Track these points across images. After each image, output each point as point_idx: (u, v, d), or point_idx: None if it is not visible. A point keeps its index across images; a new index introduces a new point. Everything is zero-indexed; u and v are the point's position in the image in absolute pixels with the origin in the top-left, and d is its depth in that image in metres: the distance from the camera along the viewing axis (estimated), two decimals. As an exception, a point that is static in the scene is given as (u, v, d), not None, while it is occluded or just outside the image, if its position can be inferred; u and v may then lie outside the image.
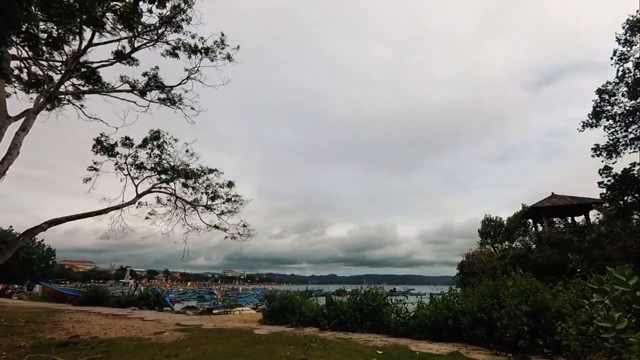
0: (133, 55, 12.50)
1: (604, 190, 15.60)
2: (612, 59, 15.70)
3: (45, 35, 10.20)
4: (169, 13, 11.79)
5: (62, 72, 11.50)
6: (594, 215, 19.32)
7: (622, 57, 15.45)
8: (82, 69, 12.50)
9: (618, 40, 15.45)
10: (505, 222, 26.95)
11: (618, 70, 15.65)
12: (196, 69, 13.73)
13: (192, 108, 14.77)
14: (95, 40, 11.18)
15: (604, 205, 16.90)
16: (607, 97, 16.26)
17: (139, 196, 15.63)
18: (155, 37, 12.43)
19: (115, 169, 15.60)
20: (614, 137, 16.43)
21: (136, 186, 15.76)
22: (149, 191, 16.23)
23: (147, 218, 17.15)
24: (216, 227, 17.45)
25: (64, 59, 11.67)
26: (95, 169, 15.10)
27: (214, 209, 17.62)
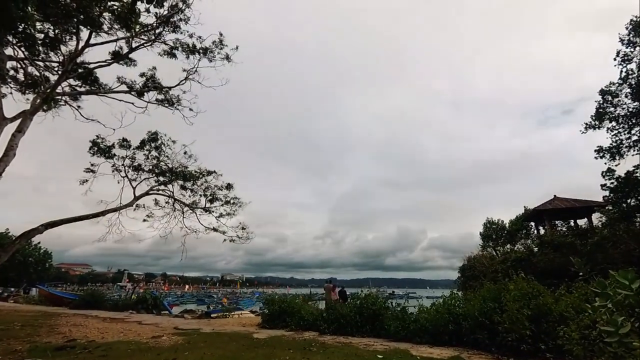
0: (130, 55, 12.47)
1: (607, 193, 15.44)
2: (615, 59, 15.57)
3: (42, 35, 10.13)
4: (166, 13, 11.75)
5: (59, 72, 11.43)
6: (596, 218, 19.11)
7: (625, 58, 15.30)
8: (79, 70, 12.42)
9: (621, 40, 15.31)
10: (507, 225, 26.73)
11: (621, 71, 15.51)
12: (194, 69, 13.70)
13: (191, 109, 14.73)
14: (92, 41, 11.12)
15: (606, 208, 16.70)
16: (610, 98, 16.11)
17: (136, 198, 15.54)
18: (153, 37, 12.38)
19: (113, 171, 15.52)
20: (617, 138, 16.27)
21: (134, 188, 15.67)
22: (146, 193, 16.13)
23: (144, 220, 17.05)
24: (214, 229, 17.34)
25: (60, 60, 11.59)
26: (92, 171, 15.02)
27: (213, 212, 17.52)
